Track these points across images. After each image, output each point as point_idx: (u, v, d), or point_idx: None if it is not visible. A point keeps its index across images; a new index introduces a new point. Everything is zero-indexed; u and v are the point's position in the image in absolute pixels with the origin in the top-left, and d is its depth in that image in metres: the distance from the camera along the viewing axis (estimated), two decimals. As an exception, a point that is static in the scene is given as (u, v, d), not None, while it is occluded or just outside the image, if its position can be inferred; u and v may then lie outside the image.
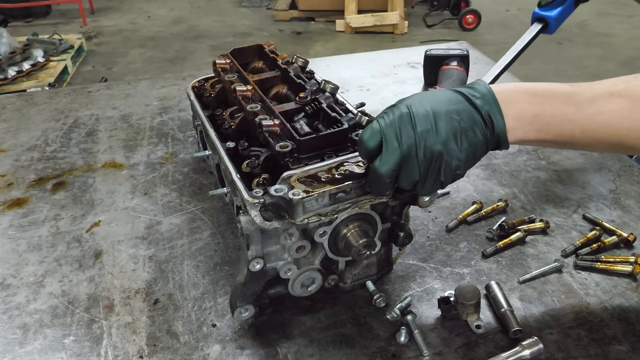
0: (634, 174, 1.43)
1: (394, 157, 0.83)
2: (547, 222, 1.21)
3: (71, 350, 0.98)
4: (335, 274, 1.03)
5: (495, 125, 0.85)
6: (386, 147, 0.84)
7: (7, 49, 5.01)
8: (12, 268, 1.17)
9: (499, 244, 1.17)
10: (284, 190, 0.87)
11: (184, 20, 7.42)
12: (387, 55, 2.22)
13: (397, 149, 0.83)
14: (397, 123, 0.84)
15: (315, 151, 0.98)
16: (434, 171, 0.84)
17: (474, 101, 0.86)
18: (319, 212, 0.89)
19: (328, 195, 0.89)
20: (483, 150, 0.86)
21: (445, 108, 0.85)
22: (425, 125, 0.83)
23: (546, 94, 0.89)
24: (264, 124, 1.02)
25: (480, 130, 0.85)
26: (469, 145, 0.84)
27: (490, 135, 0.86)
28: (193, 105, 1.35)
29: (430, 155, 0.83)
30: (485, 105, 0.85)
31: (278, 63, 1.29)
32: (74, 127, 1.74)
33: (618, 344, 0.97)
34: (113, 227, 1.28)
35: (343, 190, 0.90)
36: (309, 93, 1.13)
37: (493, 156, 1.52)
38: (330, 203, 0.90)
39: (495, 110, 0.85)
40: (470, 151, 0.85)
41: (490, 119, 0.85)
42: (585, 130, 0.88)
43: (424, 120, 0.83)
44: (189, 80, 1.57)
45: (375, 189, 0.89)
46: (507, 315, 0.99)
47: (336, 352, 0.96)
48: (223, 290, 1.09)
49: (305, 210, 0.88)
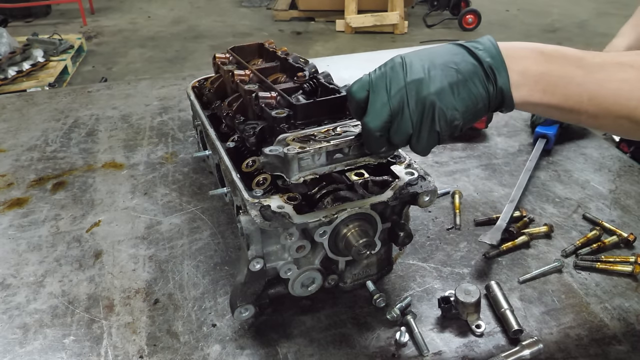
0: (634, 174, 1.43)
1: (383, 109, 0.79)
2: (550, 226, 1.21)
3: (71, 350, 0.98)
4: (335, 273, 1.03)
5: (498, 79, 0.80)
6: (374, 98, 0.80)
7: (7, 49, 5.01)
8: (12, 268, 1.17)
9: (502, 247, 1.16)
10: (279, 150, 0.83)
11: (184, 20, 7.43)
12: (387, 55, 2.19)
13: (386, 101, 0.79)
14: (387, 73, 0.80)
15: (312, 118, 0.94)
16: (428, 122, 0.79)
17: (476, 52, 0.81)
18: (316, 171, 0.86)
19: (325, 153, 0.86)
20: (485, 104, 0.81)
21: (442, 59, 0.80)
22: (417, 75, 0.78)
23: (555, 54, 0.83)
24: (261, 95, 1.00)
25: (481, 81, 0.80)
26: (468, 96, 0.79)
27: (493, 90, 0.80)
28: (193, 105, 1.35)
29: (422, 104, 0.78)
30: (487, 57, 0.80)
31: (277, 54, 1.29)
32: (74, 127, 1.74)
33: (618, 344, 0.97)
34: (113, 227, 1.28)
35: (340, 150, 0.86)
36: (308, 73, 1.12)
37: (493, 156, 1.52)
38: (327, 163, 0.87)
39: (499, 63, 0.80)
40: (469, 102, 0.79)
41: (492, 71, 0.80)
42: (594, 97, 0.82)
43: (416, 70, 0.79)
44: (189, 80, 1.58)
45: (369, 146, 0.86)
46: (507, 315, 0.99)
47: (336, 352, 0.96)
48: (223, 290, 1.09)
49: (301, 168, 0.85)
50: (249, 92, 1.06)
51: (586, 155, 1.51)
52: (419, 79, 0.78)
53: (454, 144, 1.58)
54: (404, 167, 1.02)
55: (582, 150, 1.54)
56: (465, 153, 1.54)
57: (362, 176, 1.04)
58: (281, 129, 0.93)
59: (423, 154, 0.85)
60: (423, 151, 0.84)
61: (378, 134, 0.81)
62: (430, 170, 1.46)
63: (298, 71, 1.16)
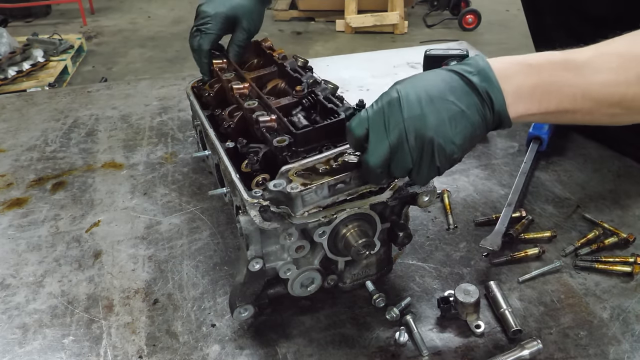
0: (633, 174, 1.42)
1: (382, 147, 0.80)
2: (554, 231, 1.20)
3: (70, 350, 0.98)
4: (334, 273, 1.03)
5: (495, 103, 0.80)
6: (373, 136, 0.81)
7: (7, 49, 5.01)
8: (12, 268, 1.17)
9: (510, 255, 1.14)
10: (283, 185, 0.87)
11: (184, 20, 7.42)
12: (387, 55, 2.22)
13: (384, 139, 0.80)
14: (385, 110, 0.80)
15: (313, 144, 0.97)
16: (428, 158, 0.80)
17: (470, 79, 0.81)
18: (319, 204, 0.89)
19: (327, 187, 0.88)
20: (482, 130, 0.82)
21: (437, 90, 0.80)
22: (414, 111, 0.79)
23: (542, 63, 0.85)
24: (261, 120, 1.03)
25: (478, 110, 0.80)
26: (465, 127, 0.80)
27: (490, 115, 0.81)
28: (192, 105, 1.35)
29: (421, 141, 0.79)
30: (482, 82, 0.80)
31: (274, 59, 1.29)
32: (73, 127, 1.74)
33: (618, 344, 0.97)
34: (112, 227, 1.28)
35: (342, 181, 0.89)
36: (306, 86, 1.12)
37: (493, 156, 1.52)
38: (329, 194, 0.89)
39: (494, 87, 0.80)
40: (466, 133, 0.80)
41: (489, 97, 0.80)
42: (586, 93, 0.84)
43: (413, 105, 0.79)
44: (188, 80, 1.57)
45: (370, 180, 0.88)
46: (506, 315, 0.99)
47: (335, 352, 0.96)
48: (222, 290, 1.09)
49: (304, 203, 0.88)
50: (250, 111, 1.09)
51: (586, 155, 1.51)
52: (417, 115, 0.79)
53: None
54: (404, 167, 1.02)
55: (582, 150, 1.54)
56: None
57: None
58: (283, 157, 0.96)
59: (423, 185, 0.90)
60: (423, 183, 0.87)
61: (379, 171, 0.83)
62: (429, 170, 1.46)
63: (296, 81, 1.16)
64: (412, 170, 0.82)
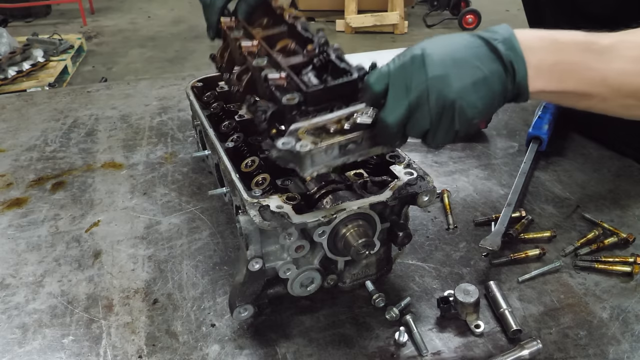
0: (633, 174, 1.42)
1: (401, 105, 0.78)
2: (554, 232, 1.20)
3: (70, 350, 0.98)
4: (334, 273, 1.03)
5: (517, 74, 0.79)
6: (393, 93, 0.78)
7: (7, 49, 5.01)
8: (12, 268, 1.17)
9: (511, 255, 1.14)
10: (291, 143, 0.81)
11: (184, 20, 7.43)
12: (387, 55, 2.19)
13: (404, 97, 0.77)
14: (407, 67, 0.78)
15: (324, 104, 0.92)
16: (447, 120, 0.78)
17: (496, 46, 0.79)
18: (329, 164, 0.85)
19: (338, 147, 0.84)
20: (501, 101, 0.81)
21: (463, 53, 0.78)
22: (438, 71, 0.76)
23: (566, 42, 0.83)
24: (270, 77, 0.97)
25: (500, 78, 0.78)
26: (487, 94, 0.78)
27: (511, 85, 0.80)
28: (192, 105, 1.35)
29: (442, 103, 0.76)
30: (507, 51, 0.79)
31: (285, 18, 1.20)
32: (73, 127, 1.74)
33: (617, 344, 0.97)
34: (112, 227, 1.28)
35: (354, 141, 0.85)
36: (317, 46, 1.05)
37: (493, 156, 1.52)
38: (340, 155, 0.85)
39: (518, 58, 0.79)
40: (487, 100, 0.78)
41: (512, 66, 0.79)
42: (605, 78, 0.83)
43: (438, 65, 0.77)
44: (188, 80, 1.57)
45: (383, 139, 0.85)
46: (506, 315, 0.99)
47: (335, 352, 0.96)
48: (222, 290, 1.09)
49: (314, 163, 0.83)
50: (258, 69, 1.02)
51: (586, 155, 1.51)
52: (440, 75, 0.76)
53: (453, 144, 1.58)
54: (403, 167, 1.02)
55: (582, 150, 1.54)
56: (465, 153, 1.54)
57: (361, 176, 1.04)
58: (292, 116, 0.90)
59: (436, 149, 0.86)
60: (437, 147, 0.84)
61: (394, 130, 0.80)
62: (429, 170, 1.46)
63: (307, 41, 1.09)
64: (429, 132, 0.80)
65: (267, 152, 0.85)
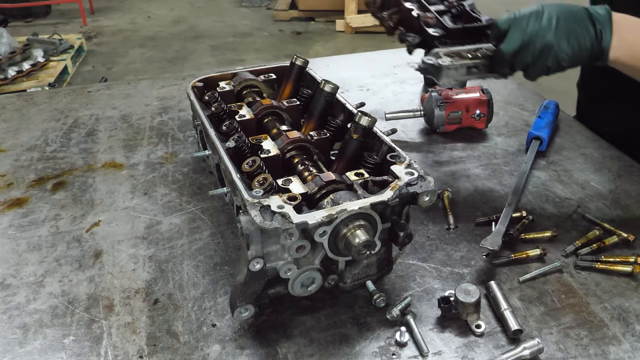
0: (634, 174, 1.42)
1: (517, 40, 1.09)
2: (554, 231, 1.20)
3: (71, 350, 0.98)
4: (335, 273, 1.03)
5: (603, 40, 1.09)
6: (512, 31, 1.10)
7: (7, 49, 5.01)
8: (12, 268, 1.17)
9: (512, 256, 1.14)
10: (433, 60, 1.14)
11: (184, 20, 7.42)
12: (387, 55, 2.22)
13: (520, 35, 1.09)
14: (528, 16, 1.10)
15: (458, 39, 1.20)
16: (544, 58, 1.09)
17: (594, 15, 1.10)
18: (457, 79, 1.17)
19: (465, 68, 1.15)
20: (586, 56, 1.10)
21: (568, 16, 1.09)
22: (548, 23, 1.08)
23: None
24: (421, 15, 1.28)
25: (590, 39, 1.09)
26: (576, 46, 1.09)
27: (597, 47, 1.10)
28: (193, 105, 1.35)
29: (544, 46, 1.08)
30: (601, 20, 1.09)
31: None
32: (73, 127, 1.74)
33: (618, 344, 0.97)
34: (113, 227, 1.28)
35: (476, 66, 1.16)
36: None
37: (493, 156, 1.52)
38: (466, 74, 1.16)
39: (607, 28, 1.09)
40: (577, 51, 1.09)
41: (601, 34, 1.09)
42: None
43: (548, 18, 1.09)
44: (189, 80, 1.57)
45: (497, 66, 1.15)
46: (506, 315, 0.99)
47: (336, 352, 0.96)
48: (223, 290, 1.09)
49: (447, 75, 1.15)
50: (409, 11, 1.31)
51: (586, 155, 1.51)
52: (548, 26, 1.08)
53: (453, 144, 1.58)
54: (404, 167, 1.02)
55: (582, 150, 1.54)
56: (465, 153, 1.54)
57: (361, 176, 1.04)
58: (434, 44, 1.20)
59: (532, 80, 1.17)
60: (533, 79, 1.15)
61: (507, 58, 1.12)
62: (430, 170, 1.46)
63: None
64: (529, 65, 1.11)
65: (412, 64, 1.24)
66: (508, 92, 1.88)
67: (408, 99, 1.86)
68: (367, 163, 1.10)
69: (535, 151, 1.47)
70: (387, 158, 1.07)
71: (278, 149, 1.15)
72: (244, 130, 1.21)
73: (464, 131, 1.62)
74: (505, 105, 1.79)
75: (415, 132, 1.65)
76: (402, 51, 1.38)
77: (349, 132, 1.12)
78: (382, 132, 1.14)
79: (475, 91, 1.61)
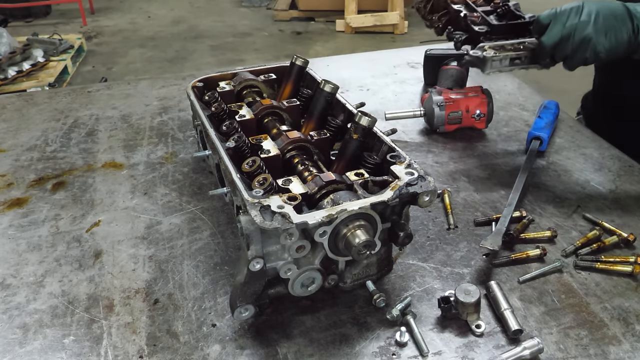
0: (634, 174, 1.43)
1: (557, 33, 1.20)
2: (554, 231, 1.20)
3: (71, 350, 0.98)
4: (335, 273, 1.03)
5: (639, 36, 1.19)
6: (553, 25, 1.21)
7: (7, 49, 5.01)
8: (12, 268, 1.17)
9: (512, 256, 1.14)
10: (479, 53, 1.28)
11: (184, 20, 7.42)
12: (387, 55, 2.22)
13: (560, 29, 1.20)
14: (568, 11, 1.20)
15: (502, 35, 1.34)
16: (582, 51, 1.20)
17: (632, 12, 1.19)
18: (501, 69, 1.31)
19: (509, 59, 1.29)
20: (624, 49, 1.20)
21: (607, 11, 1.19)
22: (587, 18, 1.18)
23: None
24: (468, 14, 1.42)
25: (628, 34, 1.19)
26: (613, 40, 1.19)
27: (634, 41, 1.19)
28: (193, 105, 1.35)
29: (582, 38, 1.18)
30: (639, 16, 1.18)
31: None
32: (74, 127, 1.74)
33: (618, 344, 0.97)
34: (113, 227, 1.28)
35: (519, 57, 1.29)
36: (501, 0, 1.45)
37: (493, 156, 1.52)
38: (509, 65, 1.30)
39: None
40: (614, 44, 1.19)
41: (638, 29, 1.18)
42: None
43: (587, 14, 1.18)
44: (189, 80, 1.57)
45: (538, 57, 1.27)
46: (507, 315, 0.99)
47: (336, 352, 0.96)
48: (223, 290, 1.09)
49: (492, 66, 1.28)
50: (457, 12, 1.45)
51: (586, 155, 1.51)
52: (587, 21, 1.18)
53: (454, 144, 1.58)
54: (404, 167, 1.02)
55: (582, 150, 1.54)
56: (465, 153, 1.54)
57: (362, 176, 1.04)
58: (480, 40, 1.33)
59: (571, 70, 1.26)
60: (571, 69, 1.26)
61: (548, 50, 1.23)
62: (430, 170, 1.46)
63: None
64: (568, 57, 1.22)
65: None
66: (508, 92, 1.88)
67: (408, 99, 1.86)
68: (367, 163, 1.10)
69: (535, 151, 1.48)
70: (387, 158, 1.07)
71: (278, 149, 1.15)
72: (244, 130, 1.21)
73: (464, 131, 1.62)
74: (505, 105, 1.79)
75: (415, 132, 1.65)
76: (402, 51, 1.39)
77: (349, 132, 1.12)
78: (382, 132, 1.14)
79: (475, 91, 1.61)
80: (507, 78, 1.97)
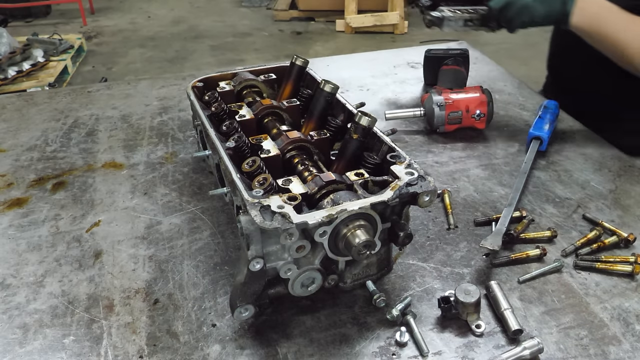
0: (634, 174, 1.43)
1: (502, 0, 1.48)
2: (554, 231, 1.20)
3: (71, 350, 0.98)
4: (335, 273, 1.03)
5: (567, 6, 1.44)
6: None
7: (7, 49, 5.01)
8: (12, 268, 1.17)
9: (512, 256, 1.14)
10: (438, 14, 1.58)
11: (184, 20, 7.42)
12: (387, 55, 2.22)
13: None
14: None
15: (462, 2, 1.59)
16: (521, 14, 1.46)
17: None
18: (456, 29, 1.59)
19: (462, 20, 1.57)
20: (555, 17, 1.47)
21: None
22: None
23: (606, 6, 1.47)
24: None
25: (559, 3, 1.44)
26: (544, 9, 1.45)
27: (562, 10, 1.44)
28: (193, 105, 1.35)
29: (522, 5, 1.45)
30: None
31: None
32: (74, 127, 1.74)
33: (618, 344, 0.97)
34: (113, 227, 1.28)
35: (471, 20, 1.56)
36: None
37: (493, 156, 1.52)
38: (462, 25, 1.58)
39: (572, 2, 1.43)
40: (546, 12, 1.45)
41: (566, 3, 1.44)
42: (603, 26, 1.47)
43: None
44: (189, 80, 1.58)
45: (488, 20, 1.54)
46: (507, 315, 0.99)
47: (336, 352, 0.96)
48: (223, 290, 1.09)
49: (448, 26, 1.58)
50: None
51: (586, 155, 1.51)
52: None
53: (454, 144, 1.58)
54: (404, 167, 1.02)
55: (582, 150, 1.54)
56: (465, 153, 1.54)
57: (362, 176, 1.04)
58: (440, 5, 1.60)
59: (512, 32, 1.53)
60: (511, 31, 1.53)
61: (495, 12, 1.50)
62: (430, 170, 1.46)
63: None
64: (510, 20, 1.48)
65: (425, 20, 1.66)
66: (508, 92, 1.88)
67: (408, 99, 1.86)
68: (367, 163, 1.10)
69: (535, 151, 1.48)
70: (387, 158, 1.07)
71: (278, 149, 1.15)
72: (244, 130, 1.21)
73: (464, 131, 1.62)
74: (505, 105, 1.79)
75: (415, 132, 1.65)
76: (402, 51, 1.39)
77: (349, 132, 1.12)
78: (382, 132, 1.14)
79: (475, 91, 1.61)
80: (507, 78, 1.97)
